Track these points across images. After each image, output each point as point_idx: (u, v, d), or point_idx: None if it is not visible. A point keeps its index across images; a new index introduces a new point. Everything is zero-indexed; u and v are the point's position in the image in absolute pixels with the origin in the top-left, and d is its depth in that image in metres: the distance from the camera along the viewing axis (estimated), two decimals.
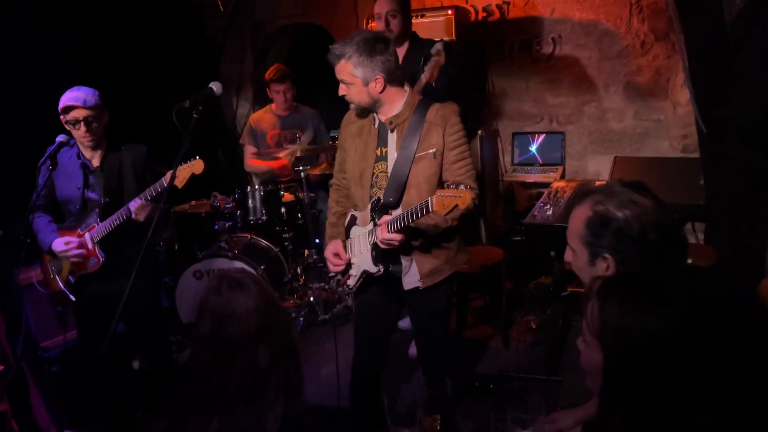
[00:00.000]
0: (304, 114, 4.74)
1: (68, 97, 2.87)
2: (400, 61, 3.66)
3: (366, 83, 2.42)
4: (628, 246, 1.54)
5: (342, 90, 2.49)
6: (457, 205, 2.14)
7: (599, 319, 1.13)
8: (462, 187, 2.13)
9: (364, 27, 4.61)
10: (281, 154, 4.39)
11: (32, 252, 3.02)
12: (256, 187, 4.37)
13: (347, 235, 2.68)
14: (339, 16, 5.32)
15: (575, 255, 1.65)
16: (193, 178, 2.81)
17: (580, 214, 1.61)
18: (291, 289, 4.47)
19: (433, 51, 3.26)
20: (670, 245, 1.53)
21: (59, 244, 2.99)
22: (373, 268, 2.53)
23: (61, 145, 2.85)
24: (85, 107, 2.86)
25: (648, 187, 1.61)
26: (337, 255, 2.63)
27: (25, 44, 3.85)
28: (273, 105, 4.79)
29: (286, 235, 4.44)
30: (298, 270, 4.52)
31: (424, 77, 3.25)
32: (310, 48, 5.72)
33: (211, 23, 5.65)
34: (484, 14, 4.81)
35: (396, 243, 2.40)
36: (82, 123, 2.86)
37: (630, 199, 1.55)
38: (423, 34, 3.84)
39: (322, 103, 4.82)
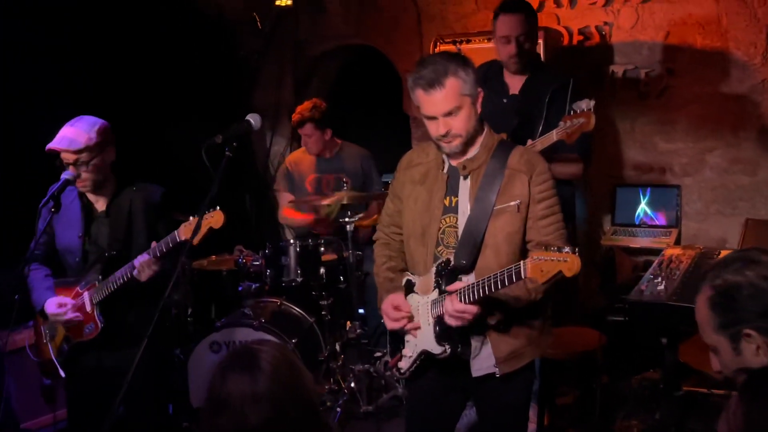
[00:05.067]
0: (350, 154, 4.82)
1: (56, 139, 2.93)
2: (517, 92, 3.69)
3: (474, 101, 2.45)
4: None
5: (443, 125, 2.43)
6: (560, 272, 2.09)
7: (743, 420, 1.14)
8: (567, 249, 2.09)
9: (431, 51, 4.71)
10: (323, 203, 4.45)
11: (27, 309, 3.12)
12: (291, 241, 4.44)
13: None
14: (399, 37, 5.45)
15: (719, 354, 1.69)
16: (212, 230, 2.82)
17: (702, 301, 1.69)
18: (327, 371, 4.48)
19: (577, 108, 3.23)
20: None
21: (52, 305, 3.06)
22: (436, 348, 2.51)
23: (67, 183, 2.94)
24: (70, 151, 2.92)
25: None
26: (397, 307, 2.60)
27: (35, 70, 4.07)
28: None
29: (324, 302, 4.49)
30: (337, 347, 4.54)
31: (557, 134, 3.26)
32: (361, 75, 5.86)
33: (245, 42, 5.79)
34: (581, 37, 4.88)
35: (470, 317, 2.38)
36: (72, 167, 2.95)
37: (747, 259, 1.65)
38: None
39: (373, 142, 4.91)
